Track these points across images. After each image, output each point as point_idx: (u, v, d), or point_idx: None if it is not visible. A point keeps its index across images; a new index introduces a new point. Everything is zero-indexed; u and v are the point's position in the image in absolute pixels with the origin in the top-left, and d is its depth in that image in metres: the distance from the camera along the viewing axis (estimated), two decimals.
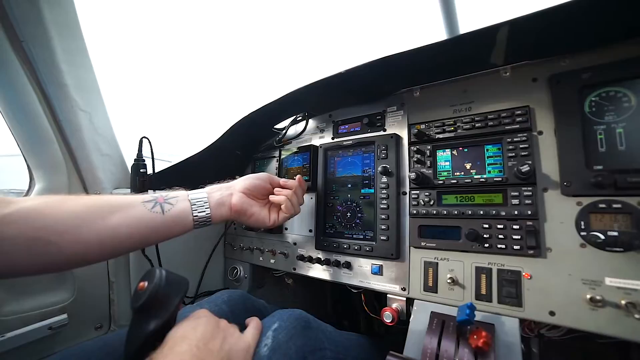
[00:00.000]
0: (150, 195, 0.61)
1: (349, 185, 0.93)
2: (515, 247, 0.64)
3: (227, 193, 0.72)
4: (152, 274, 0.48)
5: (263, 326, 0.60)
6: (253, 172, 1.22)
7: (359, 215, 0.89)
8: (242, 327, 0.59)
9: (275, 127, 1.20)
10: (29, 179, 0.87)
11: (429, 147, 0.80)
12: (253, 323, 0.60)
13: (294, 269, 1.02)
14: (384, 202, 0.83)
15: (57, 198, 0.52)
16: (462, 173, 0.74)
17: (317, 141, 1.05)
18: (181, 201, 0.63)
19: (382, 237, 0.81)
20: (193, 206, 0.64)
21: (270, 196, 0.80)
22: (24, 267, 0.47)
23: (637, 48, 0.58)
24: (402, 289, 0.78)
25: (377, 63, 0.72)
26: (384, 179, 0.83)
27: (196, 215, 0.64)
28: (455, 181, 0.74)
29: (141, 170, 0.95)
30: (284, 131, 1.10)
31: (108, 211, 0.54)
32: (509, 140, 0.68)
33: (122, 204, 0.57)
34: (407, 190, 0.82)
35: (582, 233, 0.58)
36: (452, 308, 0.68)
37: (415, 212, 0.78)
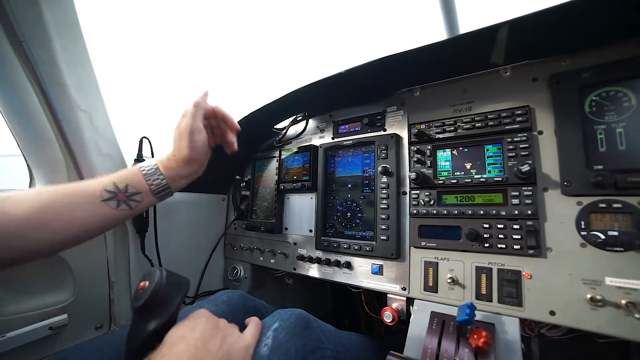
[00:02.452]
0: (105, 190, 0.57)
1: (349, 185, 0.93)
2: (515, 246, 0.64)
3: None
4: (153, 274, 0.48)
5: (263, 326, 0.60)
6: (253, 172, 1.22)
7: (359, 215, 0.89)
8: (242, 327, 0.59)
9: (275, 127, 1.20)
10: (29, 178, 0.87)
11: (429, 147, 0.80)
12: (253, 323, 0.60)
13: (294, 269, 1.02)
14: (384, 202, 0.83)
15: (17, 197, 0.51)
16: (462, 173, 0.74)
17: (317, 141, 1.05)
18: (146, 195, 0.62)
19: (382, 237, 0.81)
20: (156, 193, 0.63)
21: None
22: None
23: (637, 47, 0.58)
24: (402, 288, 0.78)
25: (377, 63, 0.72)
26: (384, 179, 0.83)
27: (160, 195, 0.64)
28: (455, 181, 0.74)
29: None
30: (284, 131, 1.10)
31: (69, 214, 0.54)
32: (509, 140, 0.68)
33: (81, 203, 0.55)
34: (407, 190, 0.82)
35: (583, 233, 0.58)
36: (452, 308, 0.68)
37: (415, 212, 0.78)
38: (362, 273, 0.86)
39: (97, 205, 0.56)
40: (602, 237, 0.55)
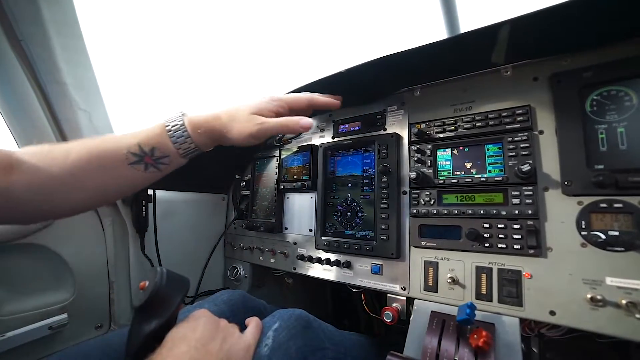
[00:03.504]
0: (131, 153, 0.55)
1: (349, 185, 0.93)
2: (515, 246, 0.64)
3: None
4: (153, 274, 0.48)
5: (263, 326, 0.60)
6: (253, 171, 1.22)
7: (359, 214, 0.89)
8: (243, 327, 0.59)
9: None
10: None
11: (430, 146, 0.79)
12: (253, 323, 0.60)
13: (294, 269, 1.02)
14: (384, 201, 0.82)
15: (49, 154, 0.52)
16: (463, 172, 0.74)
17: (317, 140, 1.05)
18: (174, 158, 0.59)
19: (382, 237, 0.81)
20: (184, 156, 0.61)
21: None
22: (26, 215, 0.52)
23: (638, 47, 0.57)
24: (402, 288, 0.78)
25: (378, 62, 0.72)
26: (384, 179, 0.83)
27: (189, 157, 0.61)
28: (455, 180, 0.74)
29: None
30: None
31: (100, 177, 0.54)
32: (509, 139, 0.68)
33: (109, 167, 0.54)
34: (408, 189, 0.82)
35: (583, 233, 0.58)
36: (452, 307, 0.67)
37: (415, 211, 0.78)
38: (362, 273, 0.86)
39: (125, 169, 0.55)
40: (603, 237, 0.55)
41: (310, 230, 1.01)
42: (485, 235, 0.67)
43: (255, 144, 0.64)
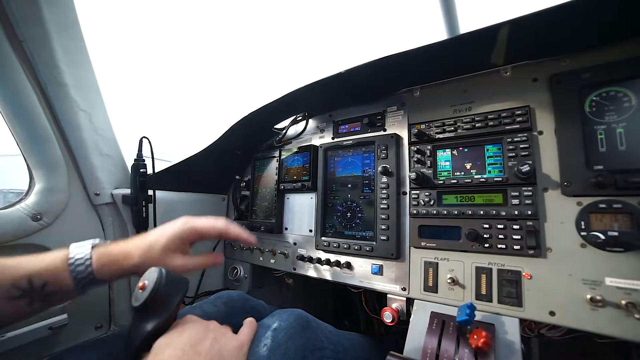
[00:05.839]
0: (14, 287, 0.47)
1: (349, 185, 0.93)
2: (515, 247, 0.64)
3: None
4: (152, 274, 0.48)
5: (263, 326, 0.60)
6: (253, 172, 1.22)
7: (359, 215, 0.89)
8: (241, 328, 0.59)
9: (275, 127, 1.20)
10: (29, 178, 0.87)
11: (429, 147, 0.80)
12: (247, 322, 0.60)
13: (294, 269, 1.02)
14: (384, 202, 0.82)
15: None
16: (463, 173, 0.74)
17: (317, 141, 1.05)
18: (70, 292, 0.52)
19: (382, 237, 0.81)
20: (79, 288, 0.53)
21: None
22: None
23: (637, 48, 0.58)
24: (402, 289, 0.78)
25: (378, 63, 0.72)
26: (384, 179, 0.83)
27: (83, 290, 0.54)
28: (455, 181, 0.74)
29: (141, 170, 0.95)
30: (284, 131, 1.10)
31: None
32: (509, 140, 0.68)
33: None
34: (407, 190, 0.82)
35: (583, 233, 0.58)
36: (452, 308, 0.67)
37: (415, 212, 0.78)
38: (362, 273, 0.86)
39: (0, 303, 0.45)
40: (602, 237, 0.55)
41: (310, 231, 1.01)
42: (485, 235, 0.67)
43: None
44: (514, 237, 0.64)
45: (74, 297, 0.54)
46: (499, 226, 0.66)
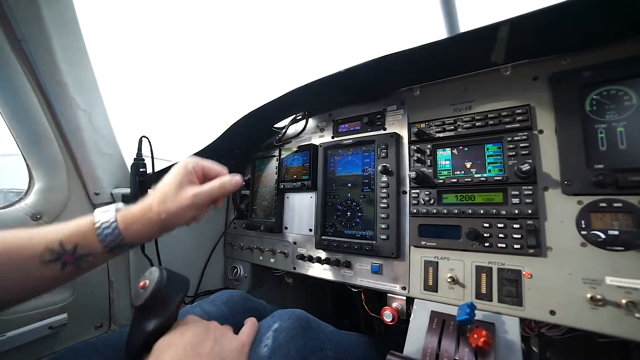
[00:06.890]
0: (49, 249, 0.47)
1: (349, 185, 0.93)
2: (515, 246, 0.64)
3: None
4: (153, 273, 0.48)
5: (263, 326, 0.60)
6: (253, 171, 1.22)
7: (359, 214, 0.89)
8: (242, 328, 0.59)
9: (275, 126, 1.19)
10: (29, 178, 0.87)
11: (429, 146, 0.79)
12: (249, 323, 0.60)
13: (294, 269, 1.02)
14: (384, 201, 0.82)
15: None
16: (463, 172, 0.74)
17: (317, 140, 1.05)
18: (99, 256, 0.52)
19: (382, 236, 0.81)
20: (109, 252, 0.52)
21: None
22: None
23: (638, 46, 0.57)
24: (402, 288, 0.78)
25: (377, 62, 0.72)
26: (384, 178, 0.83)
27: (114, 254, 0.53)
28: (455, 180, 0.74)
29: (141, 170, 0.94)
30: (284, 130, 1.10)
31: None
32: (509, 139, 0.68)
33: (16, 266, 0.45)
34: (407, 189, 0.82)
35: (583, 232, 0.58)
36: (452, 307, 0.67)
37: (415, 211, 0.78)
38: (362, 272, 0.86)
39: (35, 268, 0.46)
40: (603, 236, 0.55)
41: (310, 230, 1.01)
42: (485, 234, 0.67)
43: (197, 216, 0.60)
44: (514, 236, 0.64)
45: (103, 261, 0.55)
46: (499, 225, 0.66)
